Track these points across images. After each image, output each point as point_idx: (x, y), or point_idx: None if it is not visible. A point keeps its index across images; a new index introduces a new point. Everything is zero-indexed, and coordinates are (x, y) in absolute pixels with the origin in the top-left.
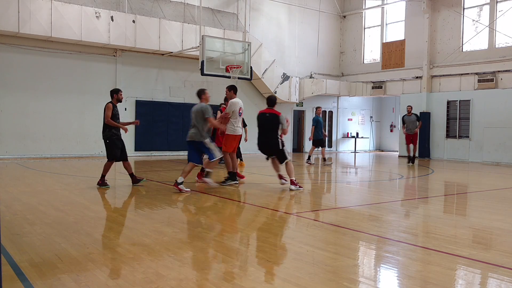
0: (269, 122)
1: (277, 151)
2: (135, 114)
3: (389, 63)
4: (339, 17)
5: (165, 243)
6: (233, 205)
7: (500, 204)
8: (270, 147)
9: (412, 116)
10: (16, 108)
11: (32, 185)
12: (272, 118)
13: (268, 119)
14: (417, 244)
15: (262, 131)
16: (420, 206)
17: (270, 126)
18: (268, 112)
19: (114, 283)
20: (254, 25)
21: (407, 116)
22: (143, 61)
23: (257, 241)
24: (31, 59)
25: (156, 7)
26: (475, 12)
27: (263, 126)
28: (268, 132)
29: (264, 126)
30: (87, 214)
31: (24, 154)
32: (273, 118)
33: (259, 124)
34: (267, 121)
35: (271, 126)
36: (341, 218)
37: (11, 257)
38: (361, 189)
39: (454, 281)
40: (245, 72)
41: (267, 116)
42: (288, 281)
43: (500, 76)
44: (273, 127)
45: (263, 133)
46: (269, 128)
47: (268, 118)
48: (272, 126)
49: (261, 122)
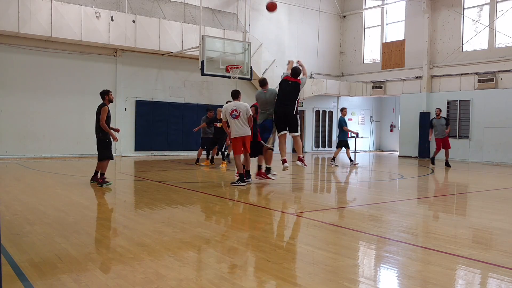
0: (290, 89)
1: (292, 118)
2: (135, 114)
3: (389, 63)
4: (339, 17)
5: (165, 243)
6: (233, 205)
7: (500, 204)
8: (286, 115)
9: (441, 119)
10: (16, 108)
11: (32, 185)
12: (294, 85)
13: (289, 86)
14: (417, 244)
15: (281, 97)
16: (420, 206)
17: (289, 93)
18: (290, 80)
19: (114, 283)
20: (254, 25)
21: (436, 120)
22: (143, 61)
23: (257, 241)
24: (31, 59)
25: (156, 7)
26: (475, 12)
27: (283, 92)
28: (287, 99)
29: (285, 92)
30: (87, 214)
31: (24, 154)
32: (294, 85)
33: (280, 90)
34: (288, 87)
35: (291, 93)
36: (341, 218)
37: (11, 257)
38: (361, 189)
39: (454, 281)
40: (245, 72)
41: (289, 83)
42: (288, 281)
43: (500, 76)
44: (292, 95)
45: (282, 100)
46: (288, 94)
47: (290, 85)
48: (292, 93)
49: (282, 88)
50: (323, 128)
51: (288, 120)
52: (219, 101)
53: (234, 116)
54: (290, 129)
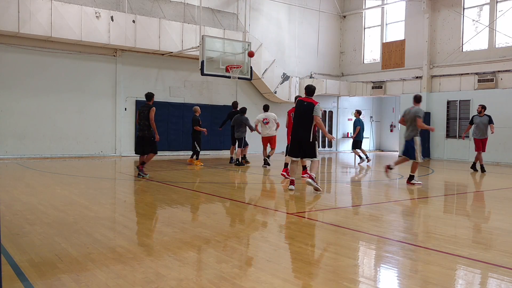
0: (305, 111)
1: (308, 145)
2: (135, 114)
3: (389, 63)
4: (339, 17)
5: (165, 243)
6: (233, 205)
7: (500, 204)
8: (300, 143)
9: (484, 118)
10: (16, 108)
11: (32, 185)
12: (309, 106)
13: (305, 107)
14: (417, 244)
15: (296, 121)
16: (420, 206)
17: (304, 116)
18: (306, 100)
19: (114, 283)
20: (254, 25)
21: (479, 117)
22: (143, 61)
23: (257, 241)
24: (31, 59)
25: (156, 7)
26: (475, 12)
27: (299, 115)
28: (303, 123)
29: (300, 114)
30: (87, 214)
31: (24, 154)
32: (310, 107)
33: (296, 112)
34: (302, 108)
35: (306, 115)
36: (341, 218)
37: (11, 257)
38: (361, 189)
39: (454, 281)
40: (245, 72)
41: (304, 104)
42: (288, 281)
43: (500, 76)
44: (308, 117)
45: (297, 124)
46: (303, 117)
47: (305, 106)
48: (307, 115)
49: (298, 110)
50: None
51: (303, 148)
52: (219, 101)
53: (265, 122)
54: (305, 155)
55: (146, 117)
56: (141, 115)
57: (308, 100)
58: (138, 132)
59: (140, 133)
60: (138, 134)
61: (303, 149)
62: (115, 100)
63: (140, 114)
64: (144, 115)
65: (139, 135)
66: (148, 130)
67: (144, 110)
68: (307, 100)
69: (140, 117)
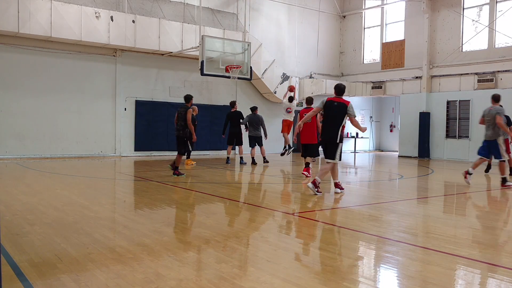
0: (337, 111)
1: (333, 145)
2: (134, 114)
3: (388, 63)
4: (339, 17)
5: (165, 243)
6: (233, 205)
7: (500, 204)
8: (326, 143)
9: None
10: (16, 108)
11: (32, 185)
12: (340, 107)
13: (336, 108)
14: (417, 244)
15: (327, 121)
16: (420, 206)
17: (337, 115)
18: (336, 100)
19: (114, 283)
20: (254, 25)
21: None
22: (143, 61)
23: (257, 241)
24: (31, 59)
25: (155, 7)
26: (475, 12)
27: (329, 115)
28: (332, 124)
29: (330, 115)
30: (87, 214)
31: (24, 154)
32: (341, 107)
33: (326, 113)
34: (335, 109)
35: (338, 115)
36: (341, 218)
37: (11, 257)
38: (361, 189)
39: (454, 281)
40: (244, 72)
41: (335, 105)
42: (287, 281)
43: (500, 76)
44: (339, 117)
45: (329, 124)
46: (333, 118)
47: (336, 106)
48: (339, 115)
49: (328, 110)
50: None
51: (328, 148)
52: (219, 101)
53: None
54: (327, 155)
55: (184, 117)
56: (179, 116)
57: (339, 100)
58: (176, 132)
59: (177, 132)
60: (176, 133)
61: (327, 148)
62: (114, 100)
63: (179, 115)
64: (182, 116)
65: (176, 135)
66: (183, 131)
67: (182, 111)
68: (337, 100)
69: (178, 117)
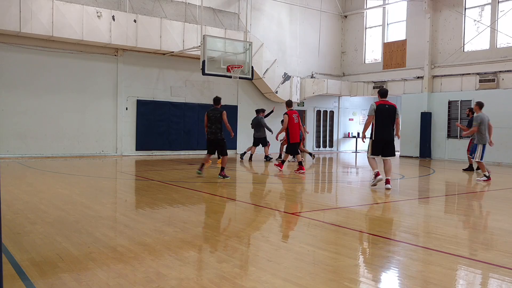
0: (390, 113)
1: (393, 144)
2: (136, 113)
3: (390, 63)
4: (341, 17)
5: (166, 242)
6: (233, 205)
7: (501, 204)
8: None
9: None
10: (18, 107)
11: (33, 184)
12: (390, 109)
13: (388, 110)
14: (418, 244)
15: (381, 122)
16: (421, 206)
17: (390, 116)
18: (386, 103)
19: (115, 282)
20: (256, 25)
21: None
22: (144, 61)
23: (258, 241)
24: (32, 59)
25: (157, 6)
26: (477, 12)
27: (382, 117)
28: (389, 123)
29: (384, 116)
30: (88, 213)
31: (25, 154)
32: (391, 109)
33: (380, 116)
34: (388, 111)
35: (391, 116)
36: (341, 218)
37: (12, 256)
38: (362, 189)
39: (455, 281)
40: (246, 72)
41: (386, 107)
42: (288, 281)
43: (502, 77)
44: (393, 118)
45: (385, 125)
46: (389, 118)
47: (388, 109)
48: (392, 117)
49: (381, 112)
50: (324, 128)
51: (388, 147)
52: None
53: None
54: (387, 153)
55: (219, 120)
56: (212, 119)
57: (388, 102)
58: (209, 135)
59: (212, 136)
60: (210, 137)
61: (388, 148)
62: (116, 100)
63: (211, 118)
64: (216, 119)
65: (211, 138)
66: (220, 133)
67: (215, 114)
68: (387, 103)
69: (210, 121)
